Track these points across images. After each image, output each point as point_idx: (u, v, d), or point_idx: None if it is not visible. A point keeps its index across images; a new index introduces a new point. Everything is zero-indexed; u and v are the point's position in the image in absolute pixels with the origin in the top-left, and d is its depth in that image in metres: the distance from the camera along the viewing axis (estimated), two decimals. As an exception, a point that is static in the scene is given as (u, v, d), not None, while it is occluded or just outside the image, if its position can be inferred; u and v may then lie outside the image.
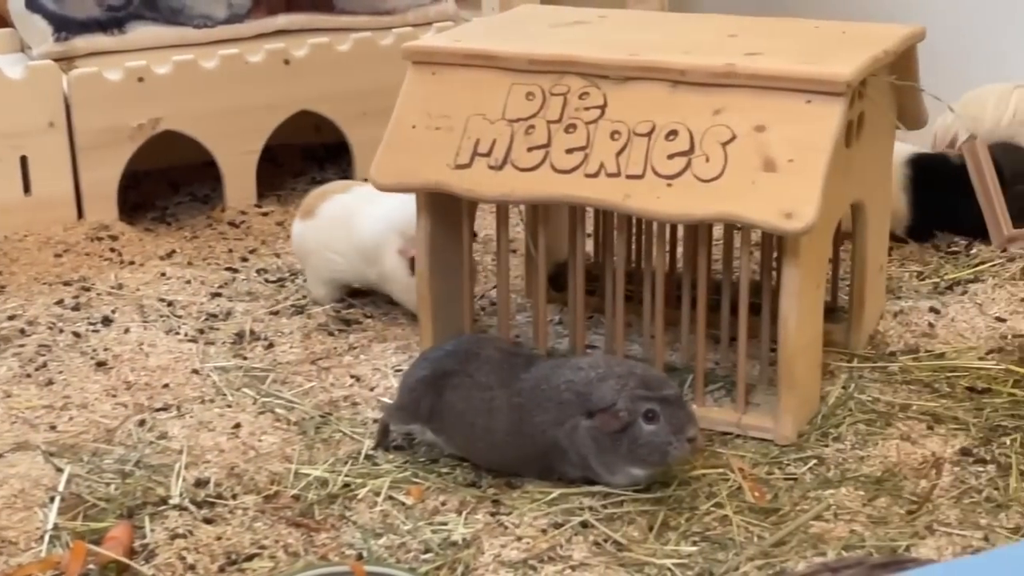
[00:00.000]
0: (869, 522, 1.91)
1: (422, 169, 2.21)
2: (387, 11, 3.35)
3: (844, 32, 2.31)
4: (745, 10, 3.78)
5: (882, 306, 2.54)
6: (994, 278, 2.68)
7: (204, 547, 1.89)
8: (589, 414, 1.96)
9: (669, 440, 1.94)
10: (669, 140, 2.09)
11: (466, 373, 2.06)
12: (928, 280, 2.72)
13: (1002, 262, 2.75)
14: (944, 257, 2.84)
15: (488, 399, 2.03)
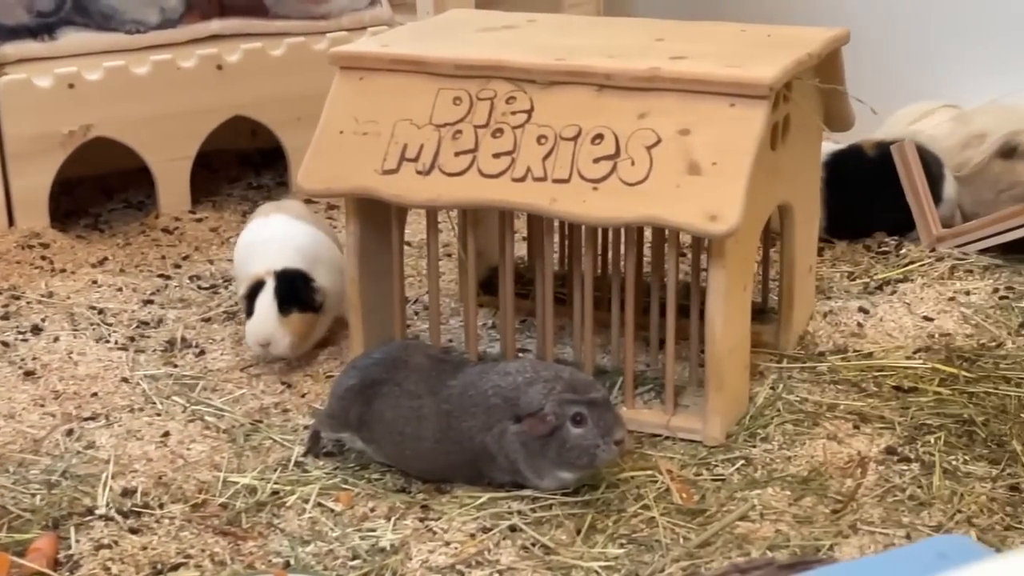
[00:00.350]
0: (795, 522, 1.92)
1: (350, 175, 2.21)
2: (321, 16, 3.34)
3: (769, 35, 2.32)
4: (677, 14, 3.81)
5: (812, 306, 2.56)
6: (923, 278, 2.71)
7: (129, 557, 1.88)
8: (517, 419, 1.96)
9: (597, 443, 1.95)
10: (595, 144, 2.10)
11: (394, 382, 2.06)
12: (858, 280, 2.74)
13: (931, 261, 2.77)
14: (874, 257, 2.86)
15: (416, 407, 2.03)
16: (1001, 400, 2.21)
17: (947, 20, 3.12)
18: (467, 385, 2.02)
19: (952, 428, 2.14)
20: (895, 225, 2.89)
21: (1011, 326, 2.48)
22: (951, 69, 3.14)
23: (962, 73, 3.10)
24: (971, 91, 3.04)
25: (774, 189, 2.24)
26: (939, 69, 3.17)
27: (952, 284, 2.67)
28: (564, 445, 1.95)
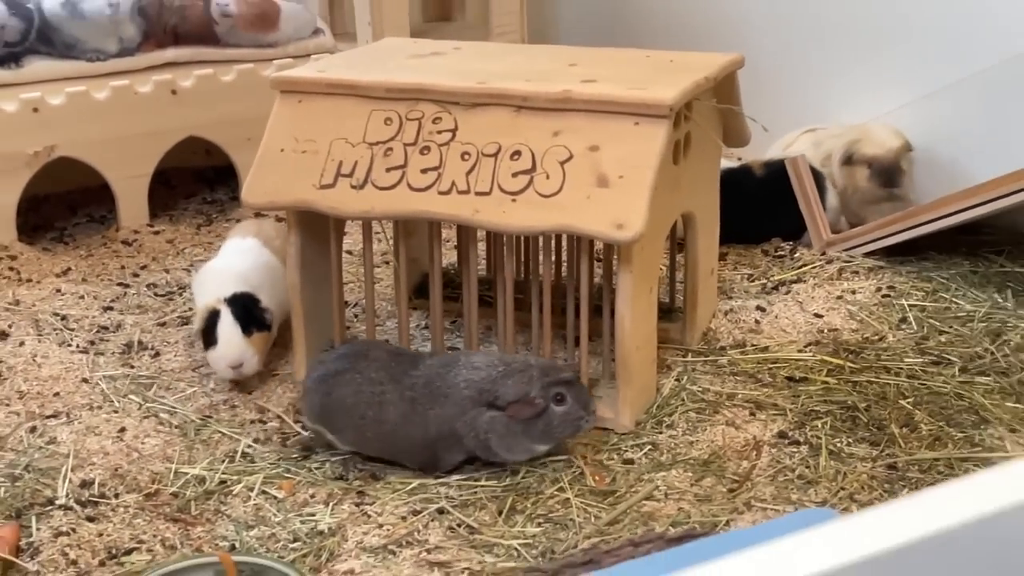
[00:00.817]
0: (695, 500, 1.93)
1: (290, 189, 2.20)
2: (269, 44, 3.31)
3: (672, 61, 2.33)
4: (596, 41, 3.83)
5: (714, 306, 2.58)
6: (814, 278, 2.73)
7: (86, 543, 1.86)
8: (493, 406, 1.97)
9: (580, 415, 1.99)
10: (513, 160, 2.10)
11: (356, 370, 2.05)
12: (757, 281, 2.75)
13: (822, 264, 2.79)
14: (772, 260, 2.88)
15: (378, 393, 2.03)
16: (882, 388, 2.23)
17: (833, 46, 3.15)
18: (432, 376, 2.02)
19: (837, 414, 2.16)
20: (777, 233, 2.93)
21: (892, 321, 2.50)
22: (837, 91, 3.17)
23: (847, 94, 3.14)
24: (855, 110, 3.07)
25: (677, 200, 2.25)
26: (827, 91, 3.20)
27: (840, 284, 2.69)
28: (551, 423, 1.98)
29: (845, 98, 3.13)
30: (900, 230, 2.72)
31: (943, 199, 2.67)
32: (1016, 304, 2.52)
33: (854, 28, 3.09)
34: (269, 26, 3.31)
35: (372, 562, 1.81)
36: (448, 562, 1.81)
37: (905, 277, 2.68)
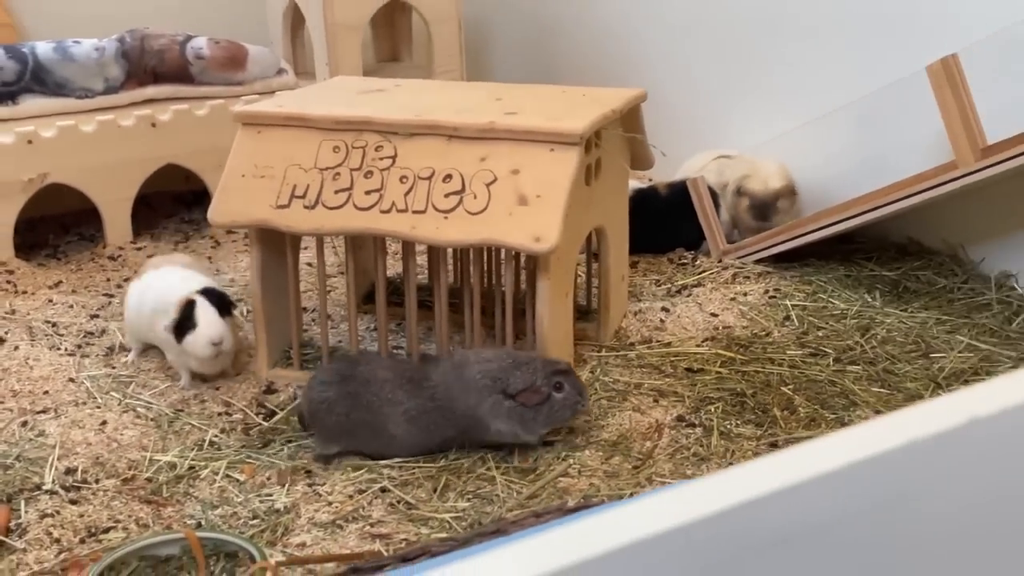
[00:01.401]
0: (605, 476, 1.94)
1: (250, 210, 2.18)
2: (238, 82, 3.29)
3: (584, 95, 2.34)
4: (527, 78, 3.84)
5: (625, 307, 2.59)
6: (712, 283, 2.75)
7: (68, 523, 1.84)
8: (507, 395, 1.96)
9: (576, 400, 2.00)
10: (446, 182, 2.10)
11: (371, 394, 1.99)
12: (663, 286, 2.77)
13: (719, 270, 2.81)
14: (677, 268, 2.89)
15: (404, 412, 1.98)
16: (766, 377, 2.25)
17: (729, 79, 3.18)
18: (451, 378, 1.99)
19: (728, 399, 2.17)
20: (680, 244, 2.95)
21: (777, 319, 2.52)
22: (733, 118, 3.20)
23: (742, 122, 3.16)
24: (749, 136, 3.10)
25: (589, 216, 2.26)
26: (725, 118, 3.23)
27: (734, 287, 2.71)
28: (553, 408, 1.99)
29: (740, 124, 3.16)
30: (785, 240, 2.74)
31: (821, 212, 2.70)
32: (883, 303, 2.55)
33: (747, 62, 3.12)
34: (238, 67, 3.29)
35: (321, 535, 1.80)
36: (388, 534, 1.80)
37: (789, 281, 2.71)
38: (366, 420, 1.99)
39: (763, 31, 3.02)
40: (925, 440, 0.62)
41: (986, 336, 2.36)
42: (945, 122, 2.26)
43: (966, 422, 0.64)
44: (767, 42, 3.02)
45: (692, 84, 3.29)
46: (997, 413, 0.65)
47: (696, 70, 3.27)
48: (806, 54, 2.92)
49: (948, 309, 2.49)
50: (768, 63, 3.04)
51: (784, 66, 3.00)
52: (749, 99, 3.13)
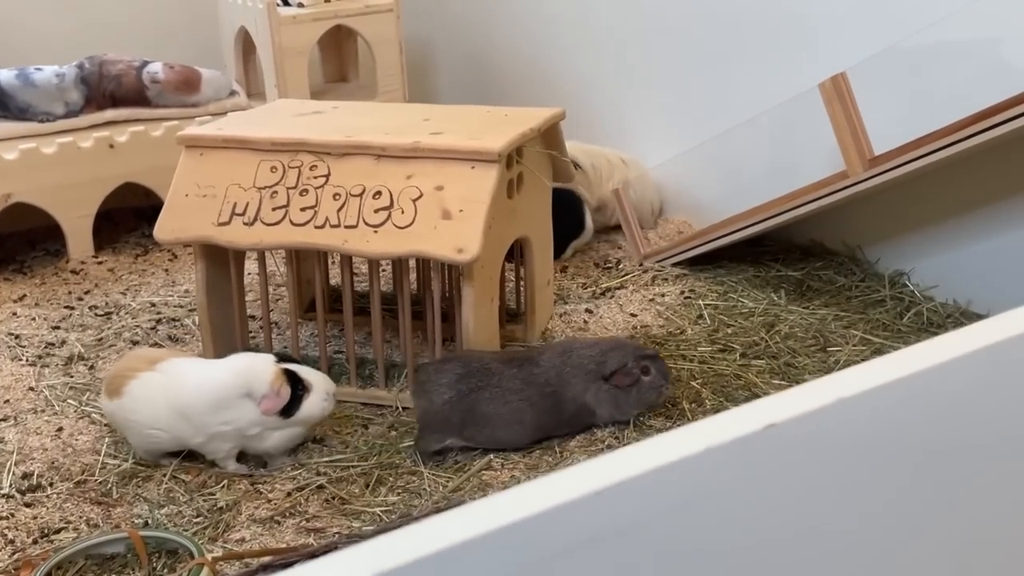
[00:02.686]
0: (526, 468, 1.96)
1: (193, 227, 2.19)
2: (192, 104, 3.28)
3: (506, 115, 2.36)
4: (467, 97, 3.86)
5: (551, 309, 2.61)
6: (633, 285, 2.77)
7: (23, 525, 1.84)
8: (605, 378, 1.98)
9: (661, 383, 2.03)
10: (375, 199, 2.12)
11: (493, 386, 1.99)
12: (588, 288, 2.79)
13: (639, 273, 2.84)
14: (602, 271, 2.92)
15: (526, 398, 1.99)
16: (678, 372, 2.27)
17: (649, 99, 3.22)
18: (559, 366, 2.01)
19: (642, 394, 2.20)
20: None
21: (691, 318, 2.56)
22: (652, 134, 3.24)
23: (660, 136, 3.20)
24: (667, 149, 3.13)
25: (513, 227, 2.28)
26: (643, 134, 3.27)
27: (652, 289, 2.73)
28: (640, 390, 2.01)
29: (659, 138, 3.20)
30: (700, 244, 2.77)
31: (733, 217, 2.73)
32: (787, 301, 2.59)
33: (665, 81, 3.15)
34: (192, 89, 3.28)
35: (260, 531, 1.81)
36: (323, 528, 1.82)
37: (703, 282, 2.74)
38: (494, 412, 1.98)
39: (679, 54, 3.06)
40: (723, 446, 0.65)
41: (879, 330, 2.41)
42: (836, 135, 2.31)
43: (762, 428, 0.67)
44: (683, 64, 3.05)
45: (614, 101, 3.33)
46: (792, 419, 0.68)
47: (617, 89, 3.30)
48: (715, 75, 2.96)
49: (846, 306, 2.54)
50: (683, 82, 3.07)
51: (698, 84, 3.04)
52: (666, 114, 3.16)
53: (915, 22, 2.37)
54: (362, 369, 2.27)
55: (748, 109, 2.80)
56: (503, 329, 2.45)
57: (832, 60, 2.41)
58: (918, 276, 2.58)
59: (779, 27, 2.74)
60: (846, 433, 0.69)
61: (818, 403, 0.68)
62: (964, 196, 2.44)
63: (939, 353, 0.74)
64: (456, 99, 3.96)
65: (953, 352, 0.74)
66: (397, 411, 2.18)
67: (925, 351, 0.75)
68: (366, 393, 2.23)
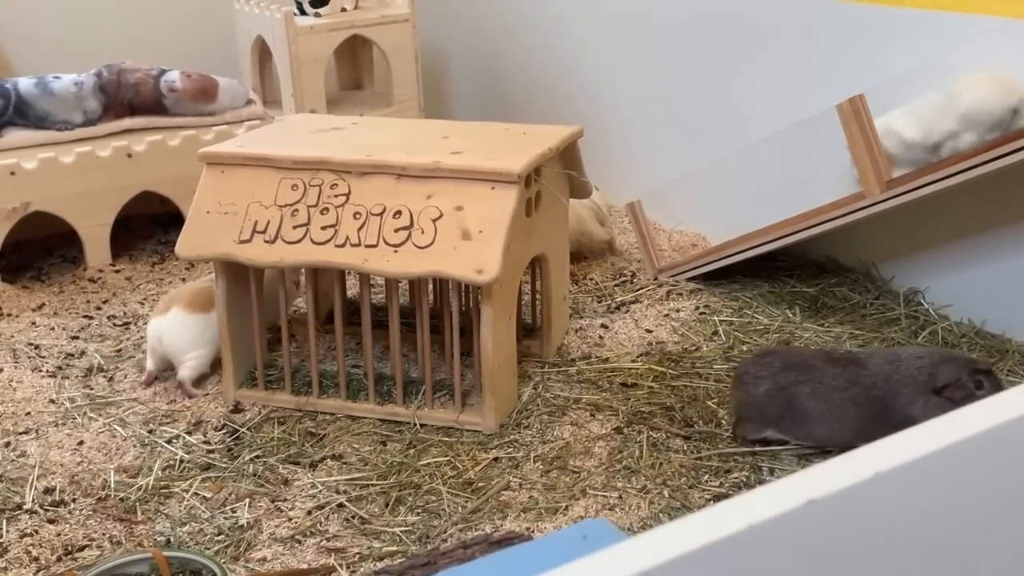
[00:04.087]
0: (543, 489, 1.97)
1: (215, 244, 2.20)
2: (209, 113, 3.29)
3: (525, 133, 2.37)
4: (481, 107, 3.87)
5: (566, 325, 2.62)
6: (648, 300, 2.78)
7: (47, 543, 1.85)
8: (935, 390, 1.91)
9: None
10: (395, 218, 2.13)
11: (815, 381, 1.97)
12: (604, 303, 2.80)
13: (654, 288, 2.85)
14: (618, 285, 2.92)
15: (850, 397, 1.95)
16: (694, 391, 2.29)
17: (665, 116, 3.22)
18: (887, 372, 1.95)
19: (659, 413, 2.21)
20: None
21: (706, 334, 2.56)
22: (669, 150, 3.24)
23: (677, 152, 3.20)
24: (684, 164, 3.13)
25: (531, 245, 2.29)
26: (660, 150, 3.27)
27: (668, 304, 2.74)
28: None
29: (675, 154, 3.20)
30: (715, 259, 2.78)
31: (748, 234, 2.74)
32: (802, 318, 2.60)
33: (681, 98, 3.15)
34: (209, 98, 3.29)
35: (282, 550, 1.83)
36: (343, 548, 1.83)
37: (718, 297, 2.75)
38: (815, 407, 1.97)
39: (695, 69, 3.06)
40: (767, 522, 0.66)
41: (894, 350, 2.41)
42: (853, 155, 2.31)
43: (804, 503, 0.68)
44: (698, 79, 3.06)
45: (630, 117, 3.33)
46: (834, 494, 0.69)
47: (632, 102, 3.30)
48: (732, 92, 2.96)
49: (861, 324, 2.54)
50: (700, 100, 3.08)
51: (713, 101, 3.04)
52: (683, 131, 3.17)
53: (934, 46, 2.37)
54: (380, 385, 2.28)
55: (762, 127, 2.80)
56: (519, 345, 2.45)
57: (848, 81, 2.41)
58: (933, 294, 2.58)
59: (798, 46, 2.74)
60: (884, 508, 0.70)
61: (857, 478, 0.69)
62: (980, 215, 2.45)
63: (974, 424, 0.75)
64: (470, 107, 3.97)
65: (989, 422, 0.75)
66: (415, 428, 2.19)
67: (961, 421, 0.75)
68: (384, 409, 2.24)
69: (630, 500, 1.92)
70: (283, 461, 2.09)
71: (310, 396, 2.29)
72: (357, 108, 3.50)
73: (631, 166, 3.30)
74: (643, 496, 1.93)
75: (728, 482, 1.97)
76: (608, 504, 1.91)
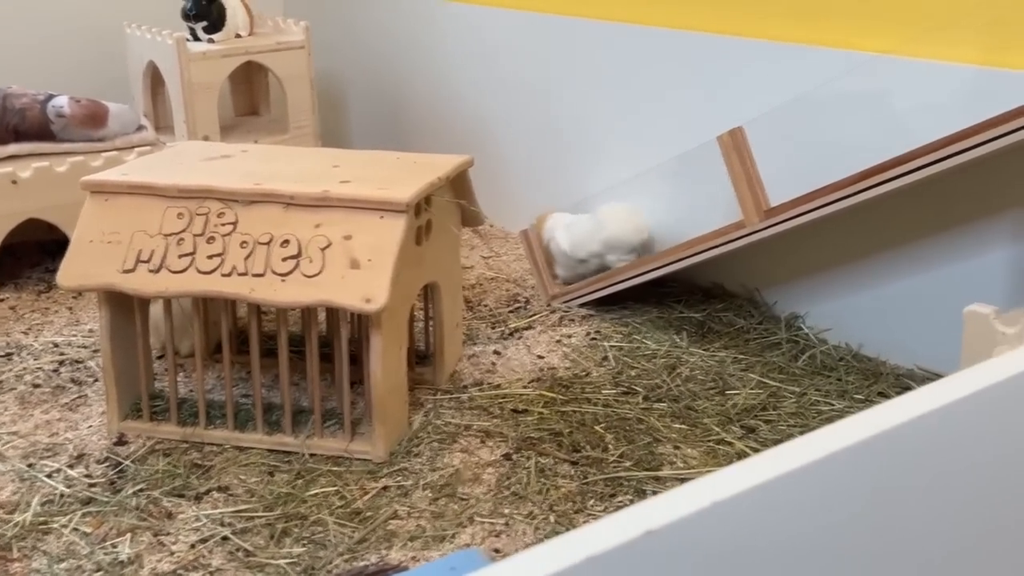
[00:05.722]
0: (432, 517, 1.97)
1: (98, 274, 2.15)
2: (98, 139, 3.22)
3: (416, 162, 2.38)
4: (378, 135, 3.87)
5: (460, 352, 2.63)
6: (541, 326, 2.81)
7: (-86, 585, 1.79)
8: None
9: None
10: (283, 247, 2.11)
11: None
12: (497, 329, 2.81)
13: (547, 313, 2.87)
14: (512, 311, 2.94)
15: None
16: (583, 416, 2.31)
17: (557, 145, 3.26)
18: None
19: (548, 439, 2.23)
20: None
21: (596, 360, 2.60)
22: (561, 179, 3.28)
23: (568, 181, 3.24)
24: (575, 192, 3.18)
25: (422, 273, 2.30)
26: (553, 179, 3.31)
27: (560, 330, 2.77)
28: None
29: (567, 183, 3.24)
30: (606, 285, 2.82)
31: (637, 261, 2.80)
32: (689, 343, 2.65)
33: (573, 128, 3.20)
34: (98, 124, 3.22)
35: (162, 586, 1.79)
36: (227, 582, 1.80)
37: (609, 323, 2.79)
38: None
39: (587, 103, 3.11)
40: (605, 554, 0.68)
41: (775, 373, 2.48)
42: (734, 185, 2.38)
43: (642, 534, 0.69)
44: (586, 114, 3.11)
45: (525, 147, 3.36)
46: (671, 524, 0.71)
47: (528, 134, 3.34)
48: (619, 123, 3.02)
49: (744, 348, 2.61)
50: (589, 130, 3.13)
51: (601, 135, 3.09)
52: (575, 161, 3.21)
53: (814, 78, 2.46)
54: (269, 415, 2.26)
55: (654, 155, 2.86)
56: (412, 372, 2.46)
57: (733, 112, 2.48)
58: (813, 319, 2.66)
59: (683, 79, 2.81)
60: (722, 537, 0.72)
61: (695, 507, 0.71)
62: (856, 243, 2.53)
63: (811, 452, 0.78)
64: (368, 134, 3.97)
65: (824, 450, 0.78)
66: (304, 458, 2.17)
67: (797, 449, 0.78)
68: (273, 440, 2.22)
69: (516, 526, 1.93)
70: (167, 494, 2.05)
71: (197, 427, 2.25)
72: (252, 135, 3.47)
73: (525, 194, 3.34)
74: (529, 522, 1.94)
75: (612, 506, 1.99)
76: (495, 531, 1.92)
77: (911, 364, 2.47)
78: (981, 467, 0.95)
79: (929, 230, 2.41)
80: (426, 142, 3.61)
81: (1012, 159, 2.19)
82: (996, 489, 0.98)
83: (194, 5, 3.30)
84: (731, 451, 2.18)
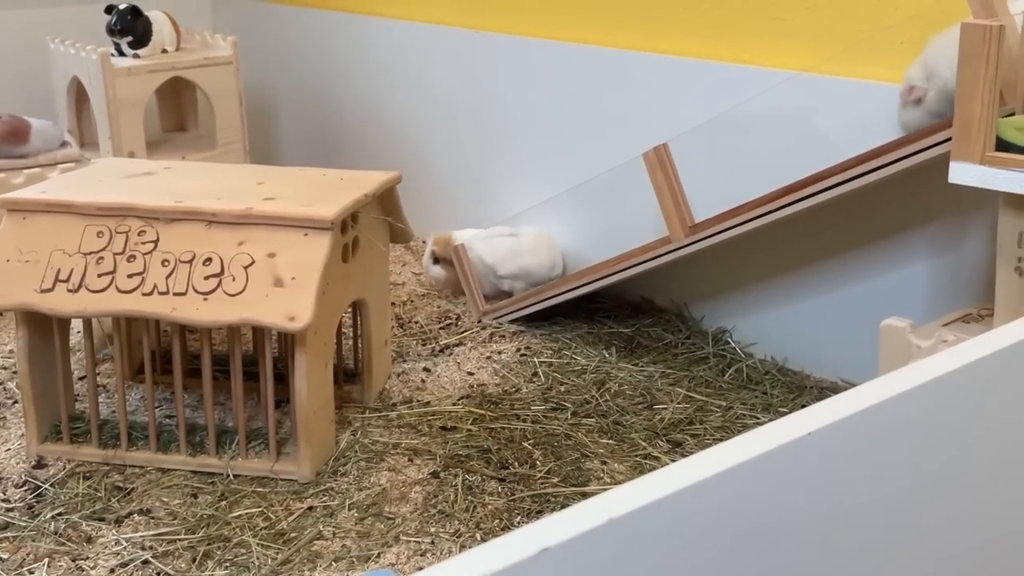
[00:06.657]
0: (357, 537, 1.96)
1: (14, 293, 2.11)
2: (21, 155, 3.17)
3: (342, 179, 2.37)
4: (310, 152, 3.85)
5: (389, 369, 2.62)
6: (471, 342, 2.81)
7: None
8: None
9: None
10: (206, 265, 2.09)
11: None
12: (428, 345, 2.81)
13: (478, 330, 2.88)
14: (443, 328, 2.94)
15: None
16: (511, 433, 2.32)
17: (489, 162, 3.27)
18: None
19: (476, 456, 2.22)
20: None
21: (526, 376, 2.60)
22: (493, 195, 3.29)
23: (500, 198, 3.26)
24: (507, 208, 3.19)
25: (348, 291, 2.29)
26: (487, 195, 3.32)
27: (490, 346, 2.77)
28: None
29: (499, 199, 3.26)
30: (536, 301, 2.83)
31: (567, 277, 2.82)
32: (618, 358, 2.67)
33: (505, 146, 3.22)
34: (20, 140, 3.17)
35: (79, 612, 1.76)
36: (146, 607, 1.77)
37: (539, 339, 2.80)
38: None
39: (515, 119, 3.13)
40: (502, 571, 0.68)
41: (702, 387, 2.51)
42: (659, 202, 2.41)
43: (538, 552, 0.70)
44: (518, 128, 3.13)
45: (456, 163, 3.37)
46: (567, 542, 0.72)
47: (459, 150, 3.35)
48: (548, 140, 3.04)
49: (672, 363, 2.63)
50: (521, 147, 3.15)
51: (528, 153, 3.12)
52: (506, 178, 3.23)
53: (737, 95, 2.50)
54: (192, 436, 2.23)
55: (582, 172, 2.89)
56: (341, 390, 2.44)
57: (659, 129, 2.52)
58: (739, 333, 2.70)
59: (609, 96, 2.85)
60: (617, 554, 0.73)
61: (591, 524, 0.72)
62: (781, 257, 2.58)
63: (706, 468, 0.79)
64: (298, 149, 3.95)
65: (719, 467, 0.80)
66: (228, 479, 2.14)
67: (691, 466, 0.80)
68: (196, 461, 2.19)
69: (442, 545, 1.93)
70: (87, 518, 2.01)
71: (118, 449, 2.21)
72: (179, 151, 3.43)
73: (456, 211, 3.34)
74: (455, 540, 1.94)
75: (539, 523, 2.00)
76: (420, 550, 1.92)
77: (835, 377, 2.52)
78: (867, 489, 0.97)
79: (850, 245, 2.46)
80: (357, 158, 3.60)
81: (929, 176, 2.25)
82: (895, 506, 1.01)
83: (119, 20, 3.26)
84: (657, 465, 2.20)
